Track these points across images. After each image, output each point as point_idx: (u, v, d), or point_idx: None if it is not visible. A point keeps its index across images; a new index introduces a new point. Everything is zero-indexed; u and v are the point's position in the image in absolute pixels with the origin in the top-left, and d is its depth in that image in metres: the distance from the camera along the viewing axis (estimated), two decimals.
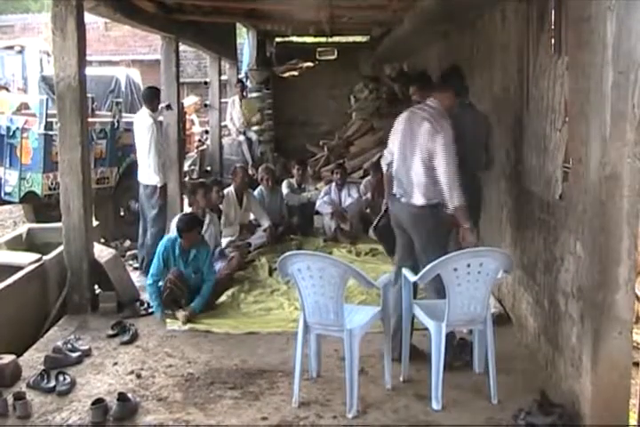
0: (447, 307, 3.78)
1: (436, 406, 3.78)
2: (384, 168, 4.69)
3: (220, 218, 7.04)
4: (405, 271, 4.13)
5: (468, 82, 5.05)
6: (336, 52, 14.69)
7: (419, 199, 4.23)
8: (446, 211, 4.13)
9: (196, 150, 12.14)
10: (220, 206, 7.24)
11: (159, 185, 6.56)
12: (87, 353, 4.58)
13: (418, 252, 4.34)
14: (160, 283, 5.48)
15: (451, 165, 4.08)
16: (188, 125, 11.36)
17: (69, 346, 4.55)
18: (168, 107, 7.63)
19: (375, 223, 4.96)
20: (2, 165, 7.70)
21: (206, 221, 6.44)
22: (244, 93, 12.54)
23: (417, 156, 4.21)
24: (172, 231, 5.79)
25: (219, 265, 6.23)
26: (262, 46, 14.72)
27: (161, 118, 7.58)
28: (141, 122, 6.73)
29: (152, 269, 5.55)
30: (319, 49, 14.81)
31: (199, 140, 12.84)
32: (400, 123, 4.43)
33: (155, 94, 6.83)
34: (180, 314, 5.27)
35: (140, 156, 6.73)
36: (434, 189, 4.17)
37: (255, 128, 12.57)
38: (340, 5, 8.15)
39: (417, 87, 5.15)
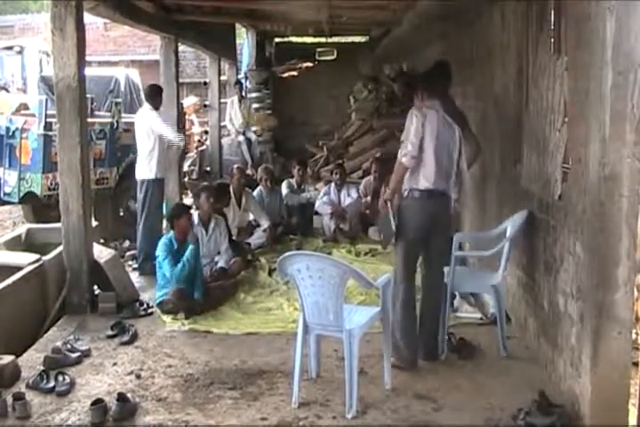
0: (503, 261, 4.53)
1: (504, 352, 4.43)
2: (410, 162, 4.30)
3: (227, 221, 6.69)
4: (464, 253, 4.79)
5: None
6: (335, 53, 14.70)
7: (454, 192, 4.53)
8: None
9: (195, 151, 12.14)
10: (225, 210, 7.04)
11: (157, 177, 6.57)
12: (86, 354, 4.57)
13: (434, 248, 4.39)
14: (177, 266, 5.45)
15: None
16: (187, 126, 11.36)
17: (69, 346, 4.54)
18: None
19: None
20: (1, 165, 7.70)
21: (211, 225, 6.22)
22: (243, 94, 12.55)
23: (455, 154, 4.45)
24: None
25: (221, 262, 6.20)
26: (262, 46, 14.76)
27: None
28: (141, 118, 6.73)
29: (166, 273, 5.46)
30: (318, 49, 14.83)
31: (199, 141, 12.84)
32: (433, 121, 4.29)
33: (156, 92, 6.82)
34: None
35: (140, 154, 6.75)
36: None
37: (255, 128, 12.59)
38: (340, 5, 8.15)
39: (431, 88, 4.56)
